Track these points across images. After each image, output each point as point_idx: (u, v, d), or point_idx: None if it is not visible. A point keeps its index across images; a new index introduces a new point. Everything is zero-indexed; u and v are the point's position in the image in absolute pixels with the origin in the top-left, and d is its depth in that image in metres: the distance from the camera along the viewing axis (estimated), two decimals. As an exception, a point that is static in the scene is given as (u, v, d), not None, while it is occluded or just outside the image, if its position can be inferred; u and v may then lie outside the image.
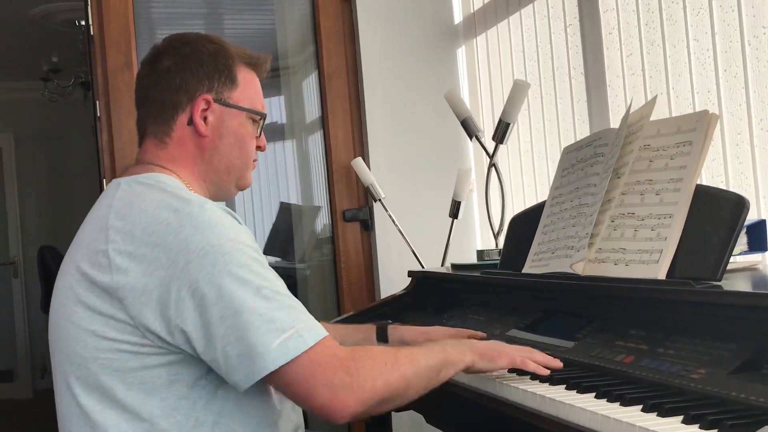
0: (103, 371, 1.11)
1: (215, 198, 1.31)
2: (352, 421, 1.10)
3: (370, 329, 1.56)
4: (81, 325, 1.13)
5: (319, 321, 1.18)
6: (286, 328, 1.06)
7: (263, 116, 1.33)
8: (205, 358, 1.09)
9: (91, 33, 2.54)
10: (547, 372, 1.20)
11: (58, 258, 3.71)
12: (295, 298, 1.12)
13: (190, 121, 1.26)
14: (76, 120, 5.74)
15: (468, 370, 1.23)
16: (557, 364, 1.23)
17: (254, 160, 1.34)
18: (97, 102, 2.54)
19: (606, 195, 1.38)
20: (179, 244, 1.08)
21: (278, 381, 1.08)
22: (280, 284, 1.11)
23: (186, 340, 1.08)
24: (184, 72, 1.26)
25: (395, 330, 1.55)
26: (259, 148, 1.34)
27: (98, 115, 2.54)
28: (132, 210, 1.14)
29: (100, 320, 1.11)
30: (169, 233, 1.10)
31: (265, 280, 1.09)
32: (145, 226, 1.11)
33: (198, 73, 1.26)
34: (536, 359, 1.23)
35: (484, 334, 1.46)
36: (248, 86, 1.31)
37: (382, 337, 1.54)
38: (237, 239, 1.10)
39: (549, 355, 1.25)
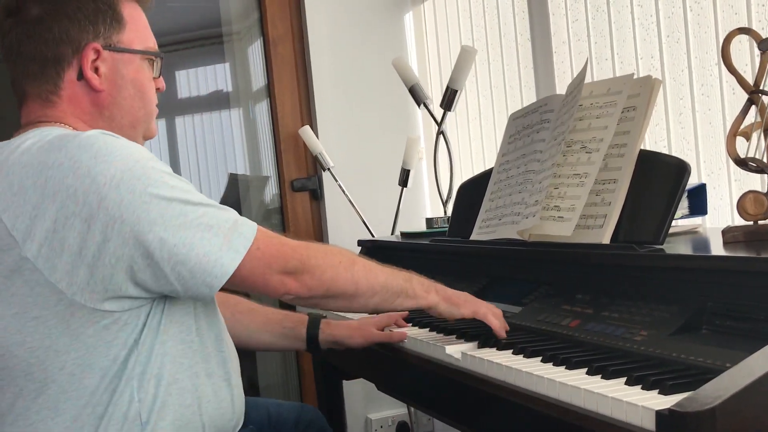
0: (31, 356, 1.00)
1: None
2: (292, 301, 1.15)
3: (300, 320, 1.47)
4: None
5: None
6: (223, 228, 1.04)
7: (160, 56, 1.20)
8: (154, 288, 1.03)
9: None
10: (504, 335, 1.21)
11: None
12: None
13: (80, 76, 1.11)
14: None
15: (430, 310, 1.23)
16: (503, 334, 1.23)
17: (156, 105, 1.21)
18: None
19: (552, 161, 1.39)
20: (83, 181, 0.97)
21: (236, 280, 1.06)
22: (194, 188, 1.08)
23: (128, 279, 1.00)
24: (61, 19, 1.09)
25: (327, 325, 1.46)
26: (158, 89, 1.21)
27: None
28: (13, 166, 1.01)
29: (18, 300, 1.00)
30: (66, 174, 0.98)
31: (185, 191, 1.05)
32: (35, 179, 0.98)
33: (78, 18, 1.10)
34: (498, 316, 1.24)
35: (404, 321, 1.47)
36: (136, 23, 1.16)
37: (313, 330, 1.45)
38: (142, 158, 1.02)
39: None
